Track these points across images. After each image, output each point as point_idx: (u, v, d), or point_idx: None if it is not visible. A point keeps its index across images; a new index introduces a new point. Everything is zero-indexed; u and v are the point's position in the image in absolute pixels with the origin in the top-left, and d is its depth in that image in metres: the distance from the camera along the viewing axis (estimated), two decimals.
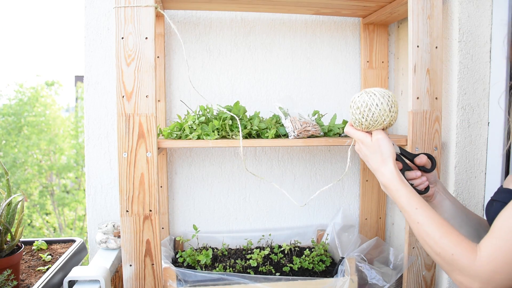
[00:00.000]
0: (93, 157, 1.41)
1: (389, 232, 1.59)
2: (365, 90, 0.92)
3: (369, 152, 0.90)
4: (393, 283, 1.21)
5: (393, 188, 0.85)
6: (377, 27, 1.51)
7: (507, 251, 0.63)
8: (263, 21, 1.49)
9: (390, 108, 0.88)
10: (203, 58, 1.47)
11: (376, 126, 0.90)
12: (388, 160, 0.87)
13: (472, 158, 1.20)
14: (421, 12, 1.11)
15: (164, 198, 1.45)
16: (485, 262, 0.65)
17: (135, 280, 1.08)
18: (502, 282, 0.63)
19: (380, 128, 0.91)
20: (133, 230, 1.07)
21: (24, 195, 1.12)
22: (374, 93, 0.89)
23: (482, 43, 1.18)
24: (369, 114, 0.89)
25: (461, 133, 1.19)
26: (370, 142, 0.90)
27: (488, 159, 1.21)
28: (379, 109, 0.88)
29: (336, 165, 1.58)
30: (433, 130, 1.14)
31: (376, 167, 0.89)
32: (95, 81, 1.39)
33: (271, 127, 1.22)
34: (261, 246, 1.47)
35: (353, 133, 0.94)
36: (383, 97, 0.88)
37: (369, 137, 0.91)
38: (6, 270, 0.97)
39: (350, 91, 1.56)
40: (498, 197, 0.80)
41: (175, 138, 1.18)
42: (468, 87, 1.18)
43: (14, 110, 8.83)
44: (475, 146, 1.20)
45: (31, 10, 26.26)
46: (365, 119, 0.90)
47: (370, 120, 0.89)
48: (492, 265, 0.64)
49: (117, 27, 1.03)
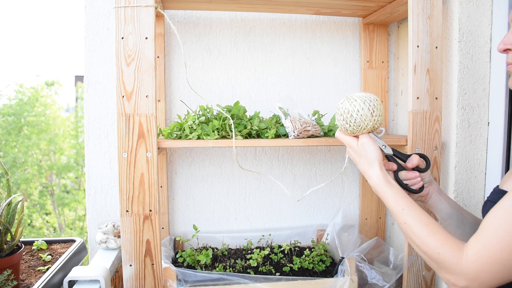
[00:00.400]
0: (93, 157, 1.41)
1: (389, 232, 1.59)
2: (347, 96, 0.94)
3: (356, 156, 0.92)
4: (393, 283, 1.21)
5: (380, 190, 0.86)
6: (377, 27, 1.51)
7: (492, 250, 0.64)
8: (263, 21, 1.49)
9: (372, 112, 0.89)
10: (203, 58, 1.47)
11: (361, 131, 0.91)
12: (374, 163, 0.88)
13: (472, 158, 1.20)
14: (421, 12, 1.11)
15: (164, 198, 1.45)
16: (471, 260, 0.65)
17: (135, 280, 1.08)
18: (487, 280, 0.64)
19: (366, 132, 0.92)
20: (133, 230, 1.07)
21: (24, 195, 1.12)
22: (355, 99, 0.91)
23: (482, 43, 1.18)
24: (351, 120, 0.90)
25: (461, 133, 1.19)
26: (356, 146, 0.92)
27: (488, 159, 1.21)
28: (360, 115, 0.89)
29: (336, 165, 1.58)
30: (433, 130, 1.14)
31: (364, 170, 0.91)
32: (95, 81, 1.39)
33: (271, 127, 1.22)
34: (261, 246, 1.47)
35: (342, 138, 0.96)
36: (364, 102, 0.90)
37: (356, 141, 0.92)
38: (6, 270, 0.97)
39: (350, 91, 1.56)
40: (492, 198, 0.81)
41: (175, 138, 1.18)
42: (468, 87, 1.18)
43: (14, 110, 8.83)
44: (475, 146, 1.20)
45: (31, 10, 26.26)
46: (348, 125, 0.91)
47: (354, 126, 0.91)
48: (478, 264, 0.65)
49: (117, 27, 1.03)
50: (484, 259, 0.64)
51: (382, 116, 0.92)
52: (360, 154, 0.91)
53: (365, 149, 0.89)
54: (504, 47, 0.80)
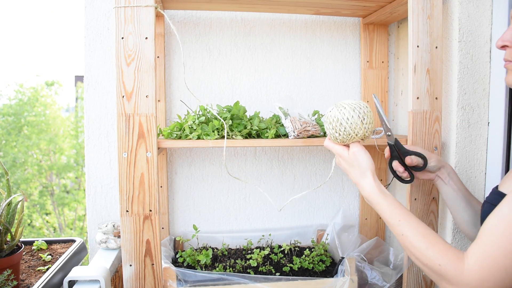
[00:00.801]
0: (93, 157, 1.41)
1: (389, 232, 1.59)
2: (336, 104, 0.91)
3: (347, 165, 0.90)
4: (393, 283, 1.21)
5: (374, 201, 0.84)
6: (377, 27, 1.51)
7: (494, 258, 0.62)
8: (263, 21, 1.49)
9: (362, 120, 0.87)
10: (203, 58, 1.47)
11: (351, 140, 0.89)
12: (366, 173, 0.86)
13: (472, 158, 1.20)
14: (421, 12, 1.11)
15: (164, 198, 1.45)
16: (473, 271, 0.64)
17: (135, 280, 1.08)
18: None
19: (357, 141, 0.90)
20: (133, 230, 1.07)
21: (24, 195, 1.12)
22: (344, 107, 0.88)
23: (482, 43, 1.18)
24: (341, 129, 0.87)
25: (461, 133, 1.19)
26: (347, 155, 0.89)
27: (488, 159, 1.21)
28: (350, 123, 0.87)
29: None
30: (433, 130, 1.14)
31: (356, 180, 0.88)
32: (95, 81, 1.39)
33: (271, 127, 1.22)
34: (261, 246, 1.47)
35: (331, 147, 0.93)
36: (353, 110, 0.87)
37: (347, 150, 0.90)
38: (6, 270, 0.97)
39: (350, 91, 1.56)
40: (490, 199, 0.80)
41: (175, 138, 1.18)
42: (468, 87, 1.18)
43: (14, 110, 8.83)
44: (475, 146, 1.20)
45: (31, 10, 26.26)
46: (338, 134, 0.89)
47: (343, 134, 0.88)
48: (480, 273, 0.63)
49: (117, 27, 1.03)
50: (486, 267, 0.63)
51: (373, 124, 0.89)
52: (352, 164, 0.88)
53: (357, 158, 0.87)
54: (502, 43, 0.80)
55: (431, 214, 1.17)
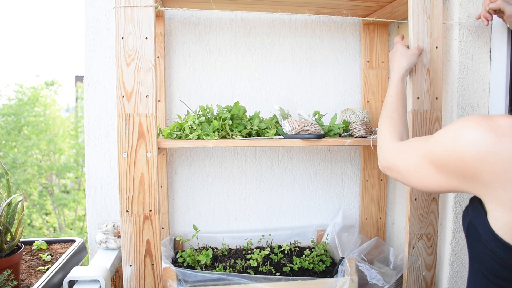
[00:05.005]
0: (93, 157, 1.41)
1: (389, 232, 1.59)
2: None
3: (391, 57, 1.09)
4: (393, 283, 1.21)
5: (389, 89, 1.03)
6: (377, 27, 1.51)
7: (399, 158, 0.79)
8: (263, 21, 1.49)
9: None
10: (203, 58, 1.47)
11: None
12: (394, 71, 1.05)
13: None
14: (421, 12, 1.11)
15: (164, 198, 1.45)
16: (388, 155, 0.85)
17: (135, 280, 1.08)
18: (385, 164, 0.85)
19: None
20: (133, 230, 1.07)
21: (24, 195, 1.12)
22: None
23: (482, 43, 1.18)
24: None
25: None
26: (392, 51, 1.09)
27: None
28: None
29: (336, 165, 1.58)
30: (434, 130, 1.14)
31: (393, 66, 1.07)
32: (95, 81, 1.39)
33: (271, 127, 1.22)
34: (261, 246, 1.47)
35: (396, 40, 1.10)
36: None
37: (395, 45, 1.09)
38: (6, 270, 0.97)
39: (350, 91, 1.56)
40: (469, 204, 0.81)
41: (175, 138, 1.18)
42: (468, 87, 1.18)
43: (14, 110, 8.82)
44: None
45: (31, 10, 26.28)
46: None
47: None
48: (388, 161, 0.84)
49: (117, 27, 1.03)
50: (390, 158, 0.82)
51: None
52: (391, 59, 1.08)
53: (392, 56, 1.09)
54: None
55: (431, 214, 1.17)
